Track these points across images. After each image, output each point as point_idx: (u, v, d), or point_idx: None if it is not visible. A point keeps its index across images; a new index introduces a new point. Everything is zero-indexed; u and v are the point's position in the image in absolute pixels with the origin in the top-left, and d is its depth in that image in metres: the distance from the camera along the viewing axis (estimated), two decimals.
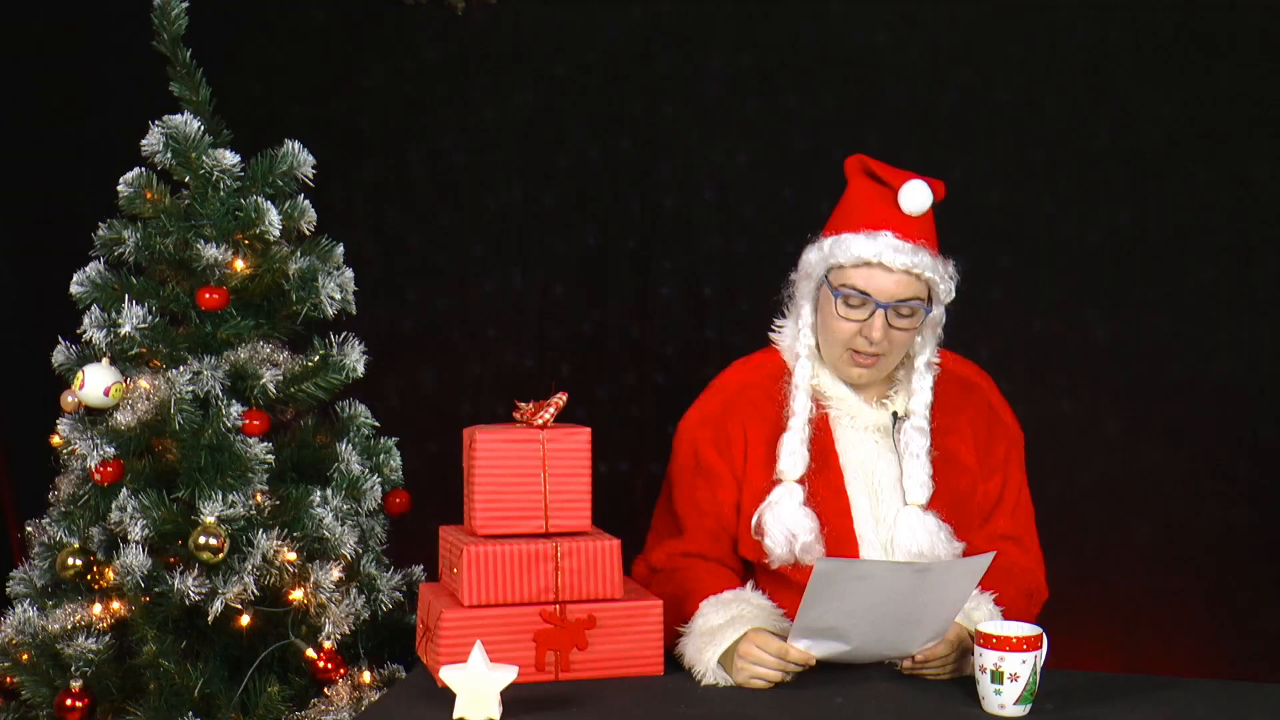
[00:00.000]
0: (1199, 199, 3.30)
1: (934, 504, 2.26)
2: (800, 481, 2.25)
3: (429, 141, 3.68)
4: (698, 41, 3.53)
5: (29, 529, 2.69)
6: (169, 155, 2.55)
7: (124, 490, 2.47)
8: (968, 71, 3.40)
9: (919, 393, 2.30)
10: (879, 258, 2.20)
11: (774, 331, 2.40)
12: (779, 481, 2.26)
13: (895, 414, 2.31)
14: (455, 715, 1.91)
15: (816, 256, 2.28)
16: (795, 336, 2.34)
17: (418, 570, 2.74)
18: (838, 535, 2.25)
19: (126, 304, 2.51)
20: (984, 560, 2.04)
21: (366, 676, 2.50)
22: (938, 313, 2.29)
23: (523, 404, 2.22)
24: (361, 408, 2.71)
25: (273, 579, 2.46)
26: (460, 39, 3.63)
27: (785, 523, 2.23)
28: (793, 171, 3.47)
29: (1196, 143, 3.29)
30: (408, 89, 3.67)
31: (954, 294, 2.28)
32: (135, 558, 2.42)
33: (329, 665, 2.47)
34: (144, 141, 2.56)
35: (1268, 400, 3.30)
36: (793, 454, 2.26)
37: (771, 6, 3.48)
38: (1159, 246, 3.34)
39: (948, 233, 2.32)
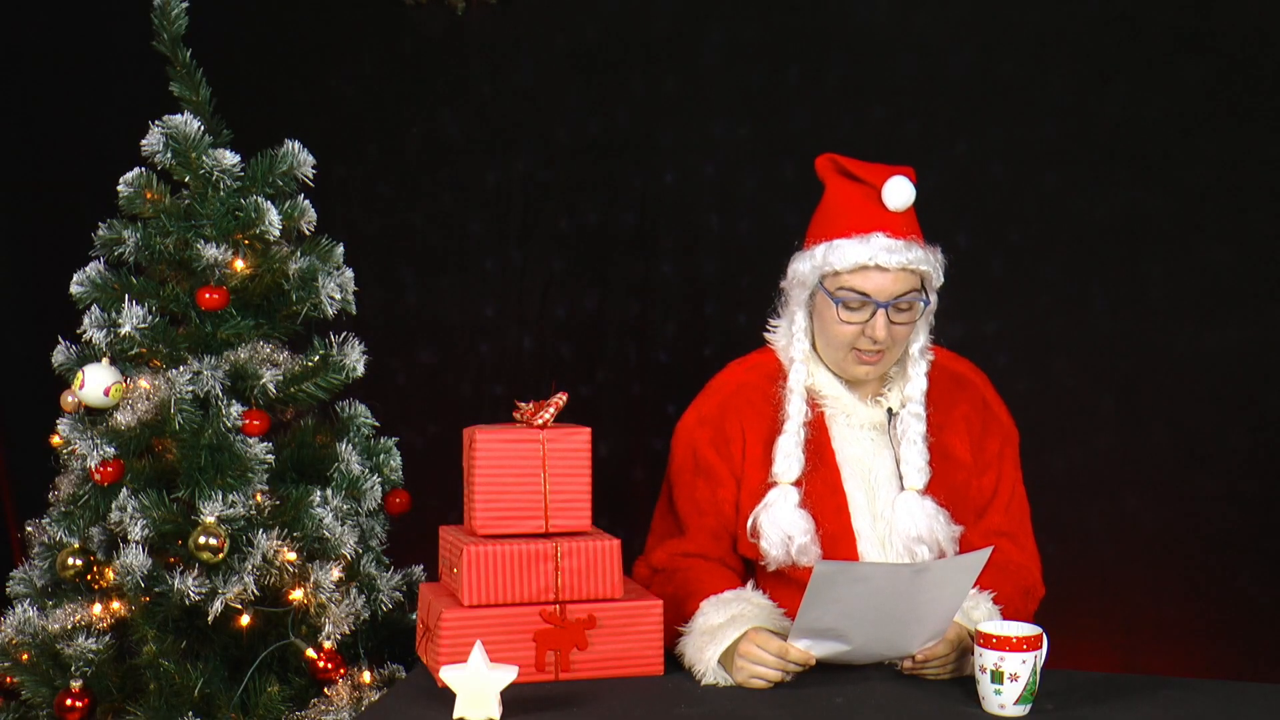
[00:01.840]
0: (1205, 182, 3.30)
1: (930, 495, 2.26)
2: (796, 483, 2.26)
3: (427, 119, 3.67)
4: (698, 12, 3.52)
5: (29, 529, 2.69)
6: (169, 155, 2.55)
7: (124, 490, 2.47)
8: (971, 45, 3.38)
9: (914, 380, 2.31)
10: (874, 260, 2.21)
11: (769, 332, 2.41)
12: (775, 484, 2.27)
13: (890, 410, 2.32)
14: (455, 715, 1.91)
15: (809, 265, 2.28)
16: (789, 339, 2.34)
17: (418, 570, 2.74)
18: (835, 533, 2.25)
19: (126, 304, 2.51)
20: (981, 557, 2.04)
21: (366, 676, 2.50)
22: (933, 300, 2.30)
23: (523, 404, 2.22)
24: (361, 408, 2.71)
25: (273, 579, 2.46)
26: (462, 40, 3.63)
27: (781, 525, 2.23)
28: (794, 146, 3.46)
29: (1201, 121, 3.28)
30: (406, 66, 3.66)
31: (943, 279, 2.29)
32: (135, 558, 2.42)
33: (329, 665, 2.47)
34: (144, 141, 2.56)
35: (1268, 402, 3.30)
36: (788, 457, 2.27)
37: None
38: (1164, 232, 3.33)
39: (951, 209, 2.30)
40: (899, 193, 2.23)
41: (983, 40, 3.38)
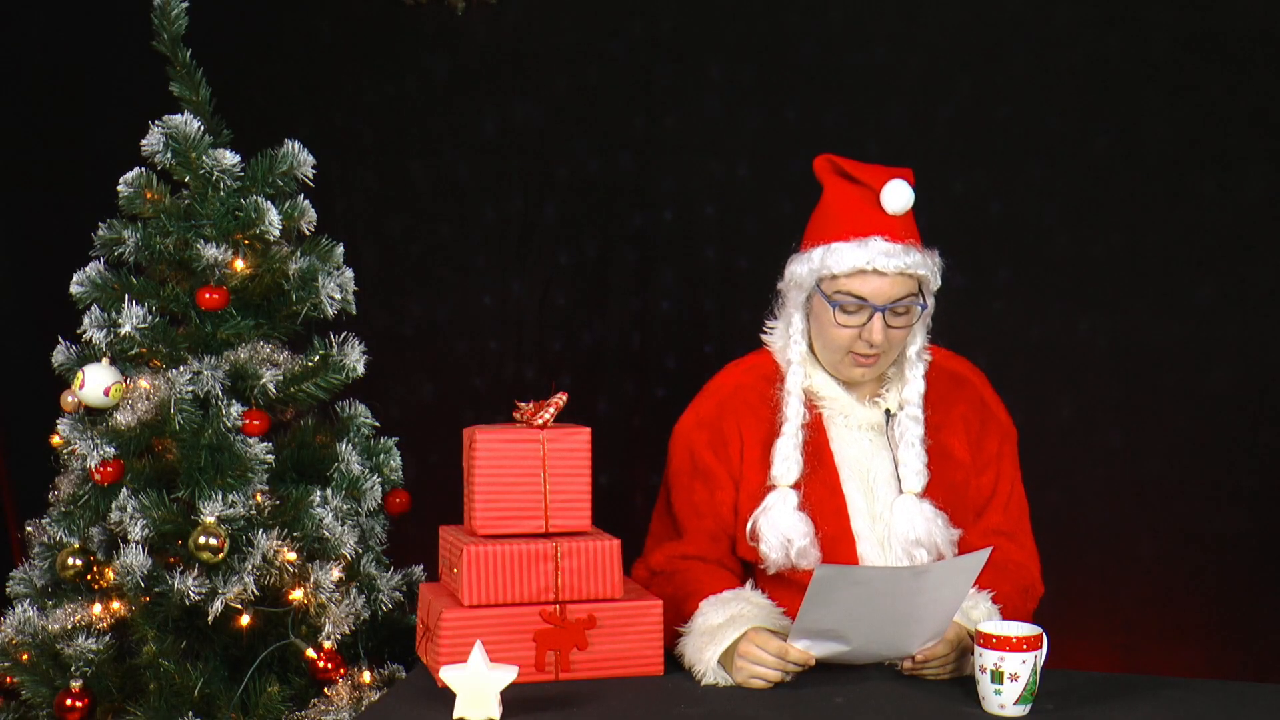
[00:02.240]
0: (1197, 206, 3.31)
1: (929, 495, 2.26)
2: (795, 486, 2.26)
3: (429, 152, 3.68)
4: (698, 55, 3.53)
5: (29, 529, 2.69)
6: (169, 155, 2.55)
7: (124, 490, 2.47)
8: (966, 83, 3.40)
9: (911, 382, 2.30)
10: (872, 264, 2.20)
11: (765, 333, 2.40)
12: (773, 487, 2.26)
13: (888, 411, 2.32)
14: (455, 715, 1.91)
15: (806, 269, 2.27)
16: (787, 341, 2.34)
17: (418, 570, 2.74)
18: (834, 535, 2.25)
19: (126, 304, 2.51)
20: (980, 557, 2.04)
21: (366, 676, 2.50)
22: (930, 304, 2.30)
23: (523, 404, 2.22)
24: (361, 408, 2.71)
25: (273, 579, 2.46)
26: (462, 41, 3.63)
27: (780, 528, 2.23)
28: (792, 186, 3.46)
29: (1194, 152, 3.30)
30: (409, 100, 3.67)
31: (940, 282, 2.28)
32: (135, 558, 2.42)
33: (329, 665, 2.47)
34: (144, 141, 2.56)
35: (1268, 401, 3.30)
36: (786, 459, 2.26)
37: (771, 21, 3.48)
38: (1158, 254, 3.34)
39: (948, 245, 2.32)
40: (897, 196, 2.22)
41: (975, 80, 3.39)
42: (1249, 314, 3.30)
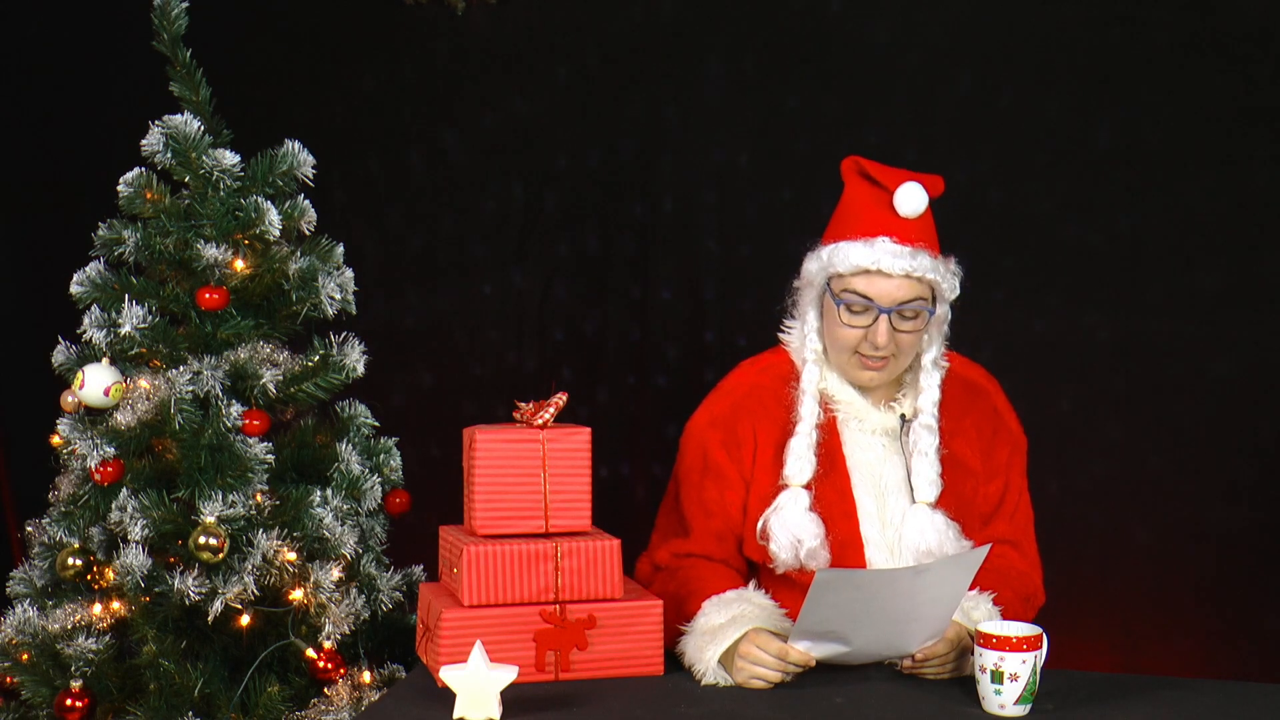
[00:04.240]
0: (1200, 201, 3.30)
1: (940, 505, 2.25)
2: (807, 486, 2.25)
3: (429, 143, 3.68)
4: (698, 43, 3.52)
5: (29, 529, 2.69)
6: (169, 155, 2.55)
7: (124, 490, 2.47)
8: (968, 73, 3.40)
9: (926, 390, 2.29)
10: (877, 265, 2.20)
11: (783, 333, 2.40)
12: (785, 486, 2.26)
13: (903, 416, 2.31)
14: (455, 715, 1.91)
15: (816, 266, 2.28)
16: (802, 340, 2.34)
17: (418, 570, 2.74)
18: (844, 539, 2.24)
19: (126, 304, 2.51)
20: (979, 554, 2.04)
21: (366, 676, 2.50)
22: (942, 311, 2.29)
23: (523, 404, 2.22)
24: (361, 408, 2.71)
25: (273, 579, 2.46)
26: (462, 40, 3.63)
27: (790, 528, 2.22)
28: (793, 173, 3.47)
29: (1197, 144, 3.29)
30: (408, 90, 3.66)
31: (958, 290, 2.27)
32: (135, 558, 2.42)
33: (329, 665, 2.47)
34: (144, 141, 2.56)
35: (1268, 400, 3.30)
36: (799, 459, 2.26)
37: (772, 8, 3.48)
38: (1160, 248, 3.34)
39: (949, 233, 2.31)
40: (910, 199, 2.22)
41: (977, 68, 3.38)
42: (1252, 309, 3.30)
